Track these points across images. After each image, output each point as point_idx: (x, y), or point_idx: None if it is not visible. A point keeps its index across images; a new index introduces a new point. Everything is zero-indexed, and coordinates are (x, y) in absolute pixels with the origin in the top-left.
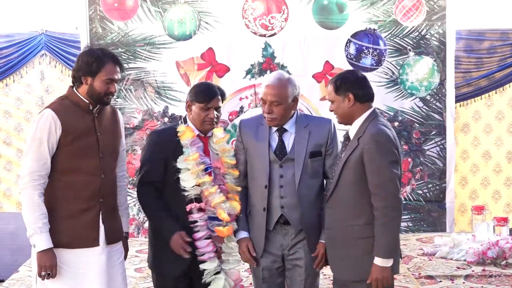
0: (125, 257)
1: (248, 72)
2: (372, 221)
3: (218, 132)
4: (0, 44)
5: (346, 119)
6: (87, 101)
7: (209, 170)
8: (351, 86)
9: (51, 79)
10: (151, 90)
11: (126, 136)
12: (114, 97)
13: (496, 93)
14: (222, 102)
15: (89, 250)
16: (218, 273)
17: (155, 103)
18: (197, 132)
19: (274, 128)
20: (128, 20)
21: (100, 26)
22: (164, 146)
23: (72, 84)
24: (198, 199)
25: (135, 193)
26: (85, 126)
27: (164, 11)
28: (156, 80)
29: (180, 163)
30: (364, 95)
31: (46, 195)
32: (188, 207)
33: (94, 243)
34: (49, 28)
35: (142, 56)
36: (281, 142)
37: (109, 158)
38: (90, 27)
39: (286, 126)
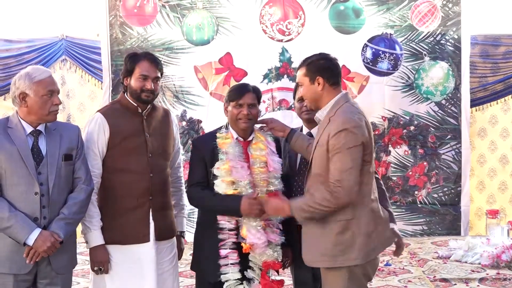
0: (180, 256)
1: (266, 76)
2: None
3: (260, 137)
4: (22, 49)
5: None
6: (135, 104)
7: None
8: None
9: (71, 83)
10: (170, 94)
11: None
12: None
13: None
14: (259, 103)
15: (140, 246)
16: (240, 284)
17: (174, 107)
18: (235, 136)
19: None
20: (147, 25)
21: (120, 31)
22: (202, 152)
23: (123, 89)
24: None
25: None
26: (133, 128)
27: (182, 16)
28: (174, 85)
29: (215, 169)
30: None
31: (98, 194)
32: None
33: (145, 239)
34: (69, 33)
35: (161, 60)
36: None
37: (159, 158)
38: (110, 33)
39: None
